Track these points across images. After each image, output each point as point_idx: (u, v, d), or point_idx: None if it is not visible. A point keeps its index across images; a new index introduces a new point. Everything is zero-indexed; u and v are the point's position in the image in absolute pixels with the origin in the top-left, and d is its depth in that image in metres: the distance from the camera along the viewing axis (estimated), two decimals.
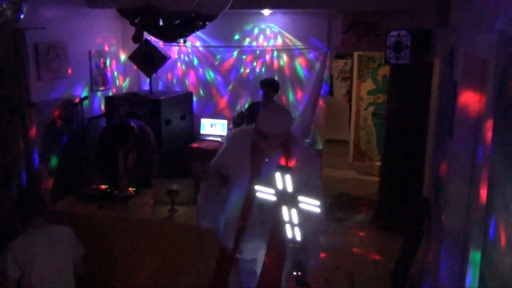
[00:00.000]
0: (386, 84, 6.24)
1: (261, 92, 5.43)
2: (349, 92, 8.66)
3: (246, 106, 5.96)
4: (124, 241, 3.67)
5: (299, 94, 6.11)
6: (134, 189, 4.02)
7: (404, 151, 5.07)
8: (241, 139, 2.73)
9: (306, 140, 6.15)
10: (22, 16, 3.80)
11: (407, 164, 5.04)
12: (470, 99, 2.32)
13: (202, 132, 6.21)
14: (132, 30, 3.04)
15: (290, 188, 2.16)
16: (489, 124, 1.62)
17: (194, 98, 6.32)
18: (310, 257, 2.63)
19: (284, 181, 2.16)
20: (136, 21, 2.99)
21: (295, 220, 2.19)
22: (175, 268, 3.58)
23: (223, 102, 6.35)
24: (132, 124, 4.18)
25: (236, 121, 5.32)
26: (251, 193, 2.54)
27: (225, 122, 6.13)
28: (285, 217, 2.21)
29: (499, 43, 1.51)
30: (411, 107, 4.96)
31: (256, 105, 5.45)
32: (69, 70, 5.06)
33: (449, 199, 2.51)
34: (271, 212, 2.50)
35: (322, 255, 4.63)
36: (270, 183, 2.31)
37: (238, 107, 6.23)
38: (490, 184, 1.54)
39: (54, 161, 4.89)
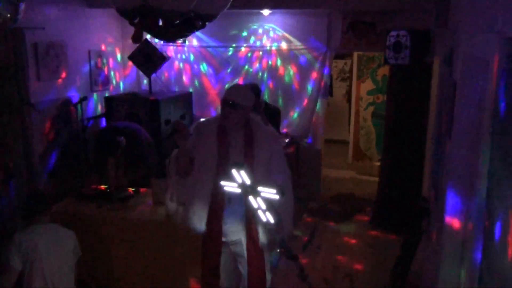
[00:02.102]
0: (385, 84, 6.24)
1: None
2: (348, 92, 8.66)
3: None
4: (123, 241, 3.67)
5: (299, 94, 6.10)
6: (133, 189, 4.02)
7: (404, 151, 5.07)
8: (207, 125, 2.91)
9: (306, 141, 6.16)
10: (20, 16, 3.80)
11: (406, 164, 5.04)
12: (469, 99, 2.32)
13: None
14: (131, 30, 3.04)
15: (248, 181, 2.34)
16: (488, 124, 1.62)
17: (194, 98, 6.32)
18: (286, 232, 2.75)
19: (241, 176, 2.34)
20: (136, 21, 2.99)
21: (263, 206, 2.34)
22: (174, 268, 3.58)
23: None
24: (119, 138, 4.16)
25: None
26: (220, 176, 2.70)
27: None
28: (254, 205, 2.36)
29: (499, 43, 1.51)
30: (411, 107, 4.96)
31: None
32: (69, 70, 5.06)
33: (448, 199, 2.51)
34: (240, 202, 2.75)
35: (322, 255, 4.65)
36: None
37: None
38: (489, 184, 1.54)
39: (54, 161, 4.88)
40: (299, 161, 6.07)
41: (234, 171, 2.34)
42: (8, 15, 3.50)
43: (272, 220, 2.35)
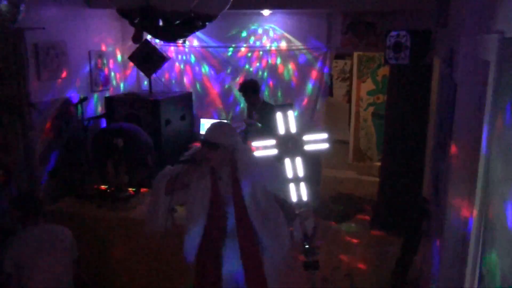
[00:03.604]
0: (386, 85, 6.24)
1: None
2: (348, 92, 8.67)
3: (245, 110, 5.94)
4: (123, 241, 3.67)
5: (299, 94, 6.10)
6: (133, 189, 4.02)
7: (404, 151, 5.07)
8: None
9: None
10: (21, 16, 3.80)
11: (407, 164, 5.04)
12: (469, 100, 2.32)
13: (202, 132, 6.21)
14: (131, 31, 3.04)
15: (293, 128, 2.09)
16: (488, 124, 1.62)
17: (194, 98, 6.32)
18: (310, 223, 2.62)
19: (287, 120, 2.09)
20: (136, 21, 2.99)
21: (300, 172, 2.10)
22: (175, 269, 3.58)
23: (222, 103, 6.36)
24: (116, 140, 4.15)
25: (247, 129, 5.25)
26: (214, 212, 2.69)
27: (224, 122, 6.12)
28: (289, 172, 2.13)
29: (499, 43, 1.51)
30: (411, 108, 4.96)
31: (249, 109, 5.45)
32: (69, 70, 5.06)
33: (449, 199, 2.51)
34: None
35: (322, 255, 4.64)
36: (228, 202, 2.62)
37: (242, 104, 6.22)
38: (490, 184, 1.54)
39: (54, 161, 4.89)
40: None
41: (279, 115, 2.08)
42: (8, 14, 3.50)
43: (305, 196, 2.14)
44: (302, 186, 2.11)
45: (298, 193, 2.16)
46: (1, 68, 3.89)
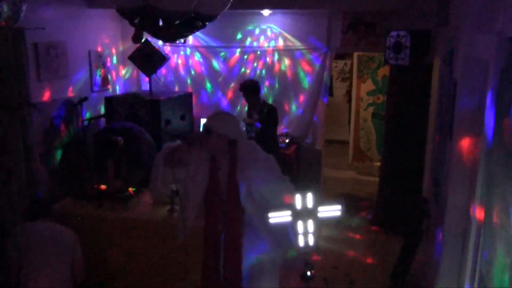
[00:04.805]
0: (386, 85, 6.24)
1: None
2: (348, 92, 8.67)
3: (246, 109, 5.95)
4: (123, 241, 3.67)
5: (299, 94, 6.11)
6: (133, 189, 4.02)
7: (404, 151, 5.07)
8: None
9: (306, 141, 6.16)
10: (21, 16, 3.80)
11: (407, 164, 5.04)
12: (469, 100, 2.32)
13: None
14: (132, 30, 3.05)
15: (310, 204, 2.22)
16: (488, 124, 1.62)
17: (194, 98, 6.32)
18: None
19: (305, 199, 2.23)
20: (136, 21, 2.99)
21: (311, 229, 2.24)
22: (175, 269, 3.58)
23: (222, 102, 6.36)
24: (116, 138, 4.15)
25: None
26: (209, 201, 2.79)
27: None
28: (300, 229, 2.25)
29: (499, 43, 1.51)
30: (411, 108, 4.96)
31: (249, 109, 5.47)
32: (69, 70, 5.06)
33: (449, 199, 2.51)
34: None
35: (321, 255, 4.64)
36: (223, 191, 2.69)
37: (238, 108, 6.24)
38: (490, 184, 1.54)
39: (54, 161, 4.89)
40: (299, 161, 6.07)
41: (298, 196, 2.24)
42: (10, 15, 3.50)
43: (311, 242, 2.25)
44: (310, 236, 2.25)
45: (306, 240, 2.27)
46: (1, 68, 3.88)
